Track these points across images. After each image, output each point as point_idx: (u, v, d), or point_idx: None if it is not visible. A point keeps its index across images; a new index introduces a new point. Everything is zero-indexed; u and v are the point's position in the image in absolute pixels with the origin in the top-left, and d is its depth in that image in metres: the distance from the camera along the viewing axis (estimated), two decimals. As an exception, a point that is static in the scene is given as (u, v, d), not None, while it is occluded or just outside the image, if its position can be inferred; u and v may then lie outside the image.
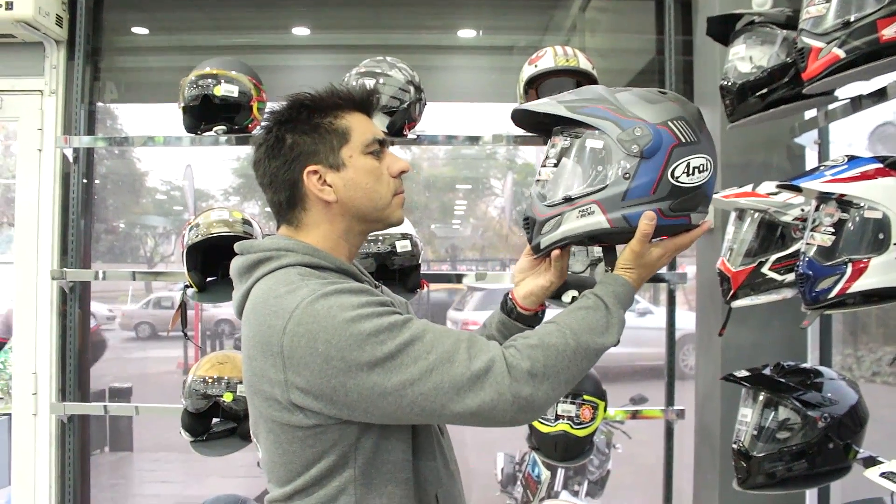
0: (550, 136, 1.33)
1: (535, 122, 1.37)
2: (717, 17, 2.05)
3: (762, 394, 1.81)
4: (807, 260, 1.59)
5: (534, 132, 1.42)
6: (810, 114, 2.15)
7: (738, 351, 2.36)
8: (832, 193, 1.55)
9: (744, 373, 1.88)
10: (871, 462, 1.67)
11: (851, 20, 1.51)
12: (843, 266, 1.53)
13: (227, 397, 2.23)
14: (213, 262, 2.40)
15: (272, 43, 3.51)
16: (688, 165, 1.23)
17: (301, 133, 1.28)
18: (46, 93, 2.82)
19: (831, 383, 1.82)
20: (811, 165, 2.30)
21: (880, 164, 1.54)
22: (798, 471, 1.74)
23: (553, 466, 3.53)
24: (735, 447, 1.83)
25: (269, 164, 1.30)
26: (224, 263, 2.38)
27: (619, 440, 4.16)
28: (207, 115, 2.45)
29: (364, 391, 1.12)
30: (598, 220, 1.23)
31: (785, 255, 1.85)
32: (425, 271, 2.38)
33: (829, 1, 1.57)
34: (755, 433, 1.79)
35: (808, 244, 1.60)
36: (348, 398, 1.13)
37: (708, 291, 2.55)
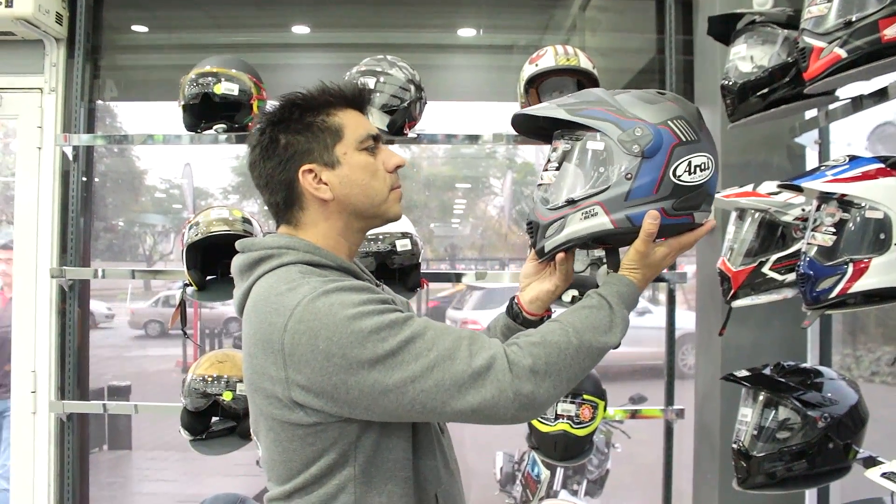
0: (551, 141, 1.33)
1: (536, 127, 1.37)
2: (718, 16, 2.05)
3: (762, 393, 1.81)
4: (808, 260, 1.59)
5: (534, 137, 1.42)
6: (811, 113, 2.15)
7: (738, 351, 2.36)
8: (833, 193, 1.55)
9: (744, 372, 1.88)
10: (870, 462, 1.67)
11: (853, 20, 1.52)
12: (844, 266, 1.53)
13: (227, 396, 2.23)
14: (213, 260, 2.40)
15: (272, 41, 3.51)
16: (689, 164, 1.23)
17: (294, 133, 1.28)
18: (46, 90, 2.81)
19: (831, 383, 1.82)
20: (811, 165, 2.30)
21: (881, 164, 1.54)
22: (798, 471, 1.74)
23: (552, 466, 3.53)
24: (735, 447, 1.83)
25: (265, 166, 1.30)
26: (224, 262, 2.39)
27: (618, 439, 4.17)
28: (207, 113, 2.44)
29: (365, 388, 1.12)
30: (601, 222, 1.23)
31: (785, 254, 1.86)
32: (424, 270, 2.38)
33: (830, 1, 1.57)
34: (755, 433, 1.79)
35: (808, 244, 1.60)
36: (349, 395, 1.13)
37: (708, 291, 2.55)
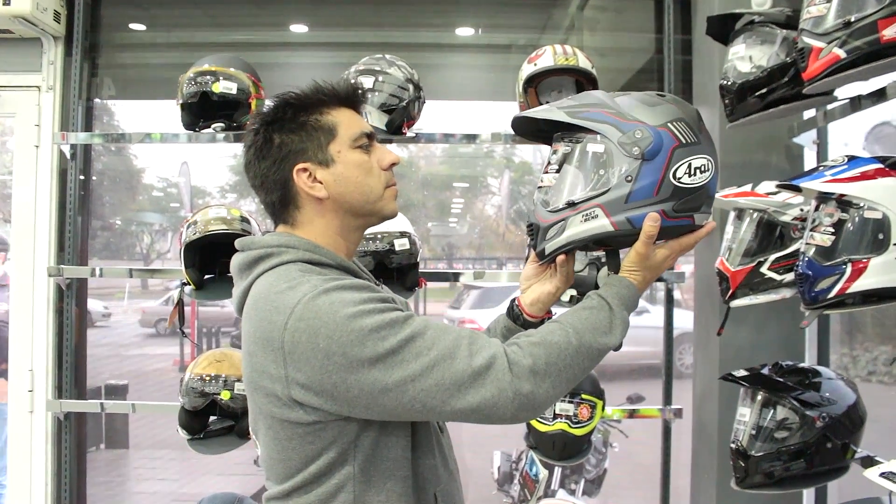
0: (550, 143, 1.33)
1: (535, 130, 1.37)
2: (717, 16, 2.05)
3: (761, 393, 1.81)
4: (806, 260, 1.60)
5: (534, 139, 1.42)
6: (809, 114, 2.15)
7: (737, 350, 2.37)
8: (832, 193, 1.56)
9: (742, 372, 1.88)
10: (868, 462, 1.68)
11: (852, 20, 1.52)
12: (843, 266, 1.53)
13: (225, 395, 2.23)
14: (211, 259, 2.40)
15: (270, 40, 3.50)
16: (689, 166, 1.23)
17: (288, 132, 1.28)
18: (44, 89, 2.81)
19: (830, 383, 1.83)
20: (810, 165, 2.30)
21: (880, 165, 1.55)
22: (796, 470, 1.74)
23: (550, 465, 3.53)
24: (733, 446, 1.83)
25: (259, 166, 1.30)
26: (222, 261, 2.39)
27: (615, 439, 4.17)
28: (206, 111, 2.44)
29: (365, 387, 1.12)
30: (602, 224, 1.23)
31: (784, 254, 1.86)
32: (422, 269, 2.38)
33: (829, 1, 1.57)
34: (753, 432, 1.79)
35: (807, 244, 1.61)
36: (349, 394, 1.13)
37: (706, 291, 2.55)
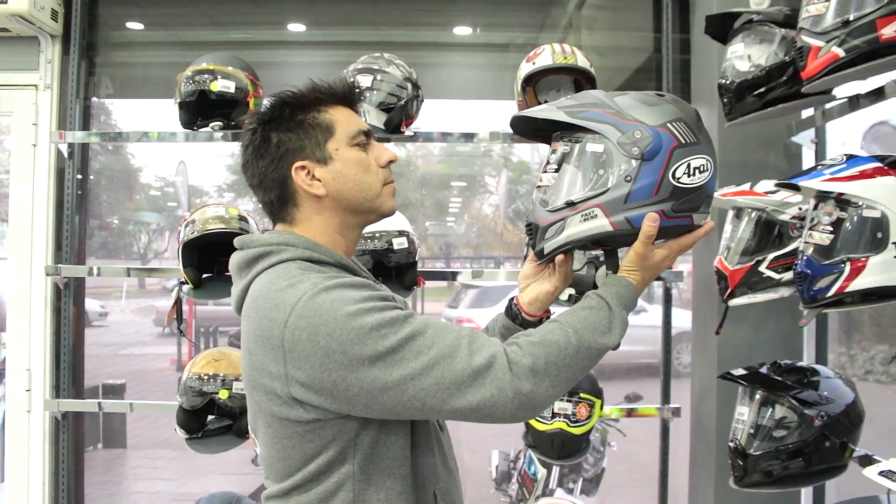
0: (549, 142, 1.33)
1: (534, 129, 1.37)
2: (716, 15, 2.05)
3: (759, 392, 1.81)
4: (805, 258, 1.60)
5: (533, 138, 1.42)
6: (807, 113, 2.15)
7: (735, 349, 2.37)
8: (831, 192, 1.56)
9: (741, 371, 1.89)
10: (866, 461, 1.68)
11: (851, 19, 1.52)
12: (842, 265, 1.53)
13: (223, 394, 2.23)
14: (209, 258, 2.39)
15: (268, 39, 3.50)
16: (688, 166, 1.23)
17: (286, 130, 1.28)
18: (41, 87, 2.80)
19: (828, 382, 1.83)
20: (808, 164, 2.30)
21: (879, 164, 1.55)
22: (794, 469, 1.75)
23: (548, 464, 3.53)
24: (731, 445, 1.84)
25: (257, 165, 1.30)
26: (220, 260, 2.39)
27: (613, 438, 4.17)
28: (204, 110, 2.43)
29: (365, 385, 1.12)
30: (601, 224, 1.24)
31: (782, 253, 1.86)
32: (420, 268, 2.38)
33: (828, 0, 1.57)
34: (752, 431, 1.79)
35: (806, 243, 1.61)
36: (349, 392, 1.13)
37: (704, 289, 2.55)
